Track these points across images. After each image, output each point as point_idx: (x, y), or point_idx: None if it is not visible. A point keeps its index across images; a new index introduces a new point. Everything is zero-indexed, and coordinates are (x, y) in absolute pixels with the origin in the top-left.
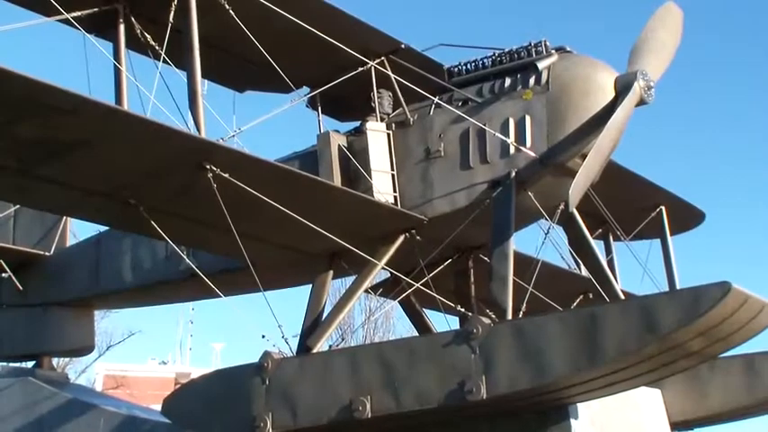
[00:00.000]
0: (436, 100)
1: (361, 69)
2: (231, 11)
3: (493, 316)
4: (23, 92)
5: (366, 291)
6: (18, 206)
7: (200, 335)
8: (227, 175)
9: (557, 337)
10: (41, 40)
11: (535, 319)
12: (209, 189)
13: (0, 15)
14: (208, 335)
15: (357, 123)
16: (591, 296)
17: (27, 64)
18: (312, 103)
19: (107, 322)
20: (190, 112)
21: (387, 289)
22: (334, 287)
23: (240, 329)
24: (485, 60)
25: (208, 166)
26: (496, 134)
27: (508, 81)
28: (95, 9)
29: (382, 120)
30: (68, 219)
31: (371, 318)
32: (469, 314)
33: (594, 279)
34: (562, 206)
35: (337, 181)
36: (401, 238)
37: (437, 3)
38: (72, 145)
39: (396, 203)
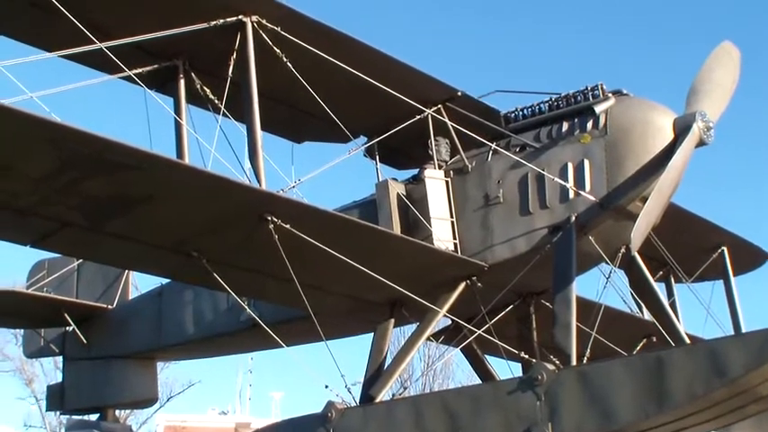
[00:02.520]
0: (494, 146)
1: (418, 117)
2: (289, 63)
3: (557, 362)
4: (90, 149)
5: (427, 338)
6: (81, 260)
7: (259, 384)
8: (288, 226)
9: (623, 383)
10: (101, 96)
11: (600, 364)
12: (270, 240)
13: (63, 74)
14: (267, 384)
15: (414, 171)
16: (654, 340)
17: (87, 120)
18: (370, 152)
19: (167, 373)
20: (250, 164)
21: (448, 336)
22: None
23: (299, 378)
24: (541, 105)
25: (269, 218)
26: (555, 179)
27: (566, 126)
28: (156, 65)
29: (440, 167)
30: (130, 272)
31: (432, 365)
32: (533, 360)
33: (658, 322)
34: (623, 250)
35: (397, 229)
36: (462, 285)
37: (492, 49)
38: (136, 200)
39: (456, 250)
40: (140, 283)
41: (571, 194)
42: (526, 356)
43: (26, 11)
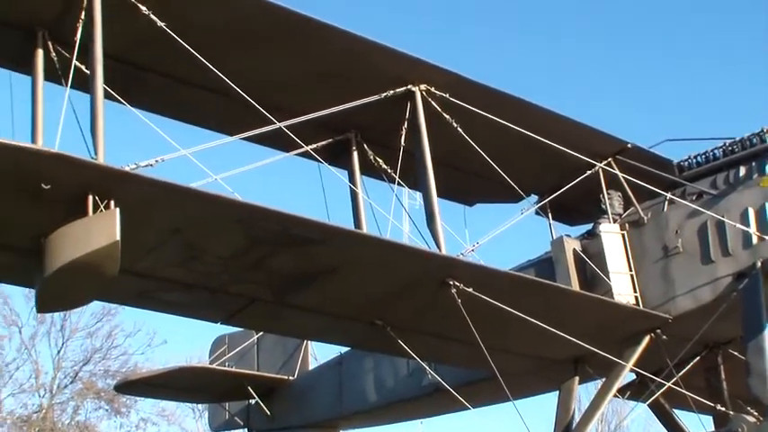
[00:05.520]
0: (669, 196)
1: (589, 173)
2: (459, 128)
3: (756, 413)
4: (277, 227)
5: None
6: (261, 333)
7: None
8: (470, 290)
9: None
10: (272, 173)
11: None
12: (453, 304)
13: (240, 154)
14: None
15: (586, 226)
16: None
17: (261, 197)
18: (541, 210)
19: None
20: (429, 231)
21: (634, 391)
22: None
23: None
24: (715, 152)
25: (451, 282)
26: (737, 225)
27: (743, 170)
28: (330, 140)
29: (614, 221)
30: (309, 342)
31: (620, 422)
32: (730, 413)
33: None
34: None
35: (575, 286)
36: (646, 339)
37: (658, 98)
38: (321, 272)
39: (637, 304)
40: (319, 353)
41: (755, 240)
42: (722, 409)
43: (209, 99)
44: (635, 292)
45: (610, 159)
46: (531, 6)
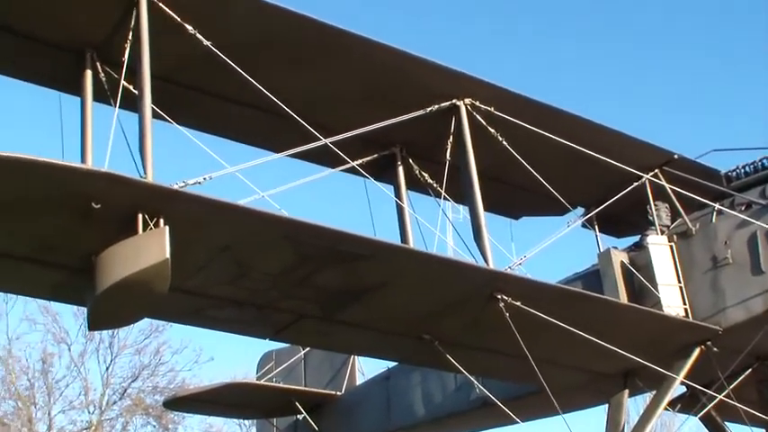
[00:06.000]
0: (717, 206)
1: (636, 184)
2: (504, 142)
3: None
4: (325, 243)
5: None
6: (308, 349)
7: None
8: (518, 304)
9: None
10: (316, 189)
11: None
12: (501, 318)
13: (284, 171)
14: None
15: (633, 237)
16: None
17: (306, 213)
18: (588, 222)
19: None
20: (476, 245)
21: (684, 404)
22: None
23: None
24: (764, 161)
25: (499, 296)
26: None
27: None
28: (375, 155)
29: (662, 232)
30: (356, 358)
31: None
32: None
33: None
34: None
35: (623, 298)
36: (696, 351)
37: (705, 107)
38: (369, 288)
39: (687, 316)
40: (366, 368)
41: None
42: None
43: (255, 116)
44: (684, 303)
45: (656, 171)
46: (531, 6)
